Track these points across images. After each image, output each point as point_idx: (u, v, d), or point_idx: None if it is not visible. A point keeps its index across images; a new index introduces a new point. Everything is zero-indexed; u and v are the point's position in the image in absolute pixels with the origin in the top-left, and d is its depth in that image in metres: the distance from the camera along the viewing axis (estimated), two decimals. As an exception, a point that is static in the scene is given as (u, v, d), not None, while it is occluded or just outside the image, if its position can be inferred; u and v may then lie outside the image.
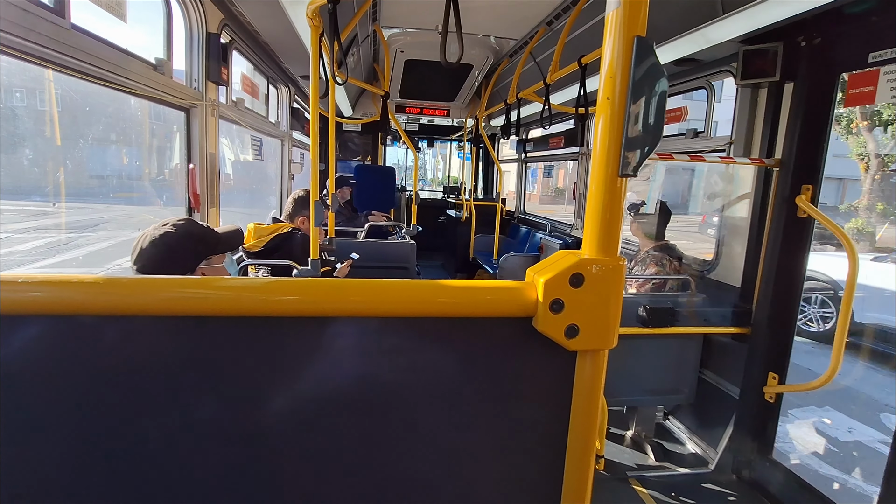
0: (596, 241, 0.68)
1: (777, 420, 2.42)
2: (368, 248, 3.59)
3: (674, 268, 2.81)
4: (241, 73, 3.40)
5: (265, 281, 0.70)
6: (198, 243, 1.47)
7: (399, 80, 5.18)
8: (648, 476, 2.54)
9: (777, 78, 2.30)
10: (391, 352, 0.73)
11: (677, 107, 3.41)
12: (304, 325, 0.70)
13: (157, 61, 2.13)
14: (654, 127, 0.63)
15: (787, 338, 2.35)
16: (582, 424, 0.75)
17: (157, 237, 1.38)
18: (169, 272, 1.38)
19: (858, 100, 2.03)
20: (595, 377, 0.72)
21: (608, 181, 0.66)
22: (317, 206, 2.26)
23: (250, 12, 2.76)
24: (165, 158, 3.11)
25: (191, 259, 1.45)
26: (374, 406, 0.74)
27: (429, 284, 0.71)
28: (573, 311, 0.69)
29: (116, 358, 0.66)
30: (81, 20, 1.58)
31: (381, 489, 0.76)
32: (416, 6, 3.36)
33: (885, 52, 1.90)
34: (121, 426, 0.67)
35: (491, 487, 0.79)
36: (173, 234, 1.40)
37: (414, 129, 7.98)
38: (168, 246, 1.39)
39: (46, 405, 0.64)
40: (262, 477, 0.72)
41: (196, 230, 1.48)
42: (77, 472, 0.67)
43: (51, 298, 0.62)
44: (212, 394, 0.69)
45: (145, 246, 1.37)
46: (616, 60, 0.63)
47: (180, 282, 0.68)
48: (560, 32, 3.02)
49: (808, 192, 2.19)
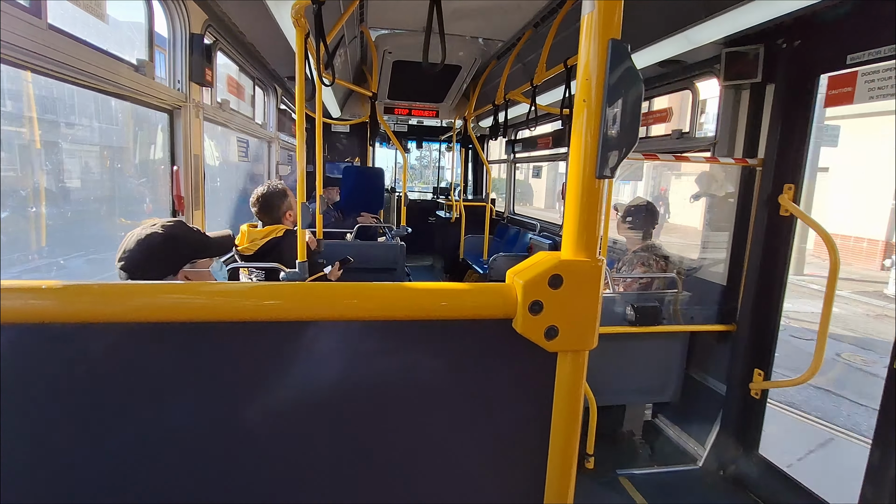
0: (574, 242, 0.69)
1: (763, 416, 2.46)
2: (357, 250, 3.58)
3: (660, 267, 2.83)
4: (227, 74, 3.36)
5: (249, 286, 0.69)
6: (183, 246, 1.45)
7: (387, 82, 5.17)
8: (637, 474, 2.56)
9: (759, 79, 2.34)
10: (375, 355, 0.73)
11: (663, 108, 3.45)
12: (287, 330, 0.70)
13: (138, 62, 2.10)
14: (630, 128, 0.64)
15: (771, 334, 2.39)
16: (563, 424, 0.75)
17: (142, 237, 1.38)
18: (152, 273, 1.38)
19: (837, 100, 2.07)
20: (575, 378, 0.73)
21: (586, 182, 0.66)
22: (303, 207, 2.24)
23: (235, 13, 2.73)
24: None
25: (174, 262, 1.43)
26: (358, 409, 0.73)
27: (410, 287, 0.71)
28: (552, 312, 0.69)
29: (97, 365, 0.65)
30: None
31: (365, 491, 0.75)
32: (403, 7, 3.36)
33: (862, 54, 1.94)
34: (103, 433, 0.66)
35: (474, 487, 0.79)
36: (158, 235, 1.39)
37: (403, 131, 7.97)
38: (151, 247, 1.37)
39: (26, 413, 0.63)
40: (247, 481, 0.71)
41: (182, 233, 1.46)
42: (57, 480, 0.66)
43: (28, 306, 0.61)
44: (197, 399, 0.68)
45: (131, 246, 1.36)
46: (592, 63, 0.63)
47: (162, 287, 0.67)
48: (546, 34, 3.04)
49: (791, 191, 2.22)
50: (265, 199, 2.57)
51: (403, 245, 3.84)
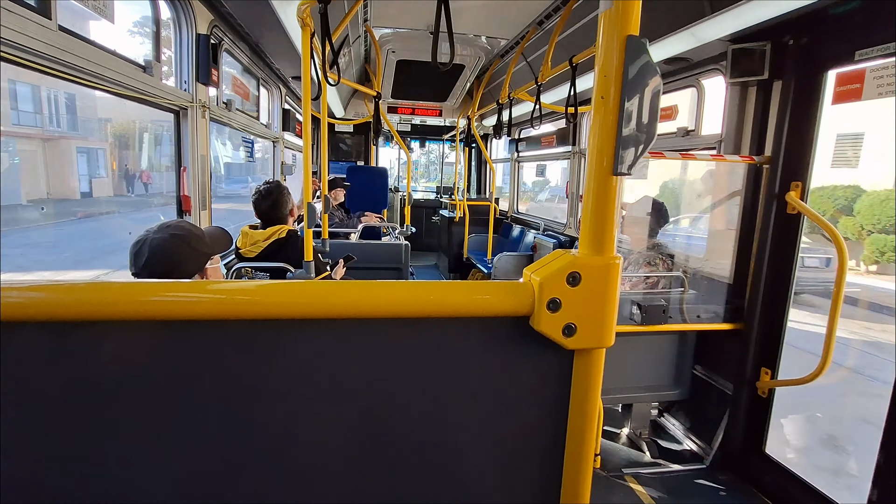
0: (591, 240, 0.68)
1: (770, 415, 2.45)
2: (362, 250, 3.58)
3: (665, 265, 2.82)
4: (232, 74, 3.37)
5: (258, 284, 0.69)
6: (201, 244, 1.45)
7: (391, 81, 5.17)
8: (644, 473, 2.56)
9: (765, 76, 2.33)
10: (388, 353, 0.73)
11: (669, 105, 3.43)
12: (297, 328, 0.69)
13: (146, 63, 2.11)
14: (647, 126, 0.63)
15: (778, 333, 2.38)
16: (580, 423, 0.75)
17: (155, 246, 1.34)
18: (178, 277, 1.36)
19: (845, 97, 2.06)
20: (593, 375, 0.72)
21: (603, 180, 0.66)
22: (310, 207, 2.24)
23: (240, 13, 2.74)
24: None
25: (196, 261, 1.43)
26: (370, 407, 0.73)
27: (425, 285, 0.71)
28: (570, 309, 0.69)
29: (103, 362, 0.65)
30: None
31: (377, 491, 0.75)
32: (408, 6, 3.36)
33: (871, 51, 1.92)
34: (109, 431, 0.66)
35: (490, 487, 0.79)
36: (173, 240, 1.36)
37: (406, 130, 7.97)
38: (169, 254, 1.35)
39: (30, 411, 0.63)
40: (257, 479, 0.71)
41: (197, 232, 1.46)
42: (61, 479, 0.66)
43: (32, 304, 0.60)
44: (205, 397, 0.68)
45: (146, 256, 1.33)
46: (610, 59, 0.63)
47: (169, 286, 0.67)
48: (551, 32, 3.03)
49: (798, 188, 2.21)
50: (269, 196, 2.47)
51: (408, 244, 3.84)
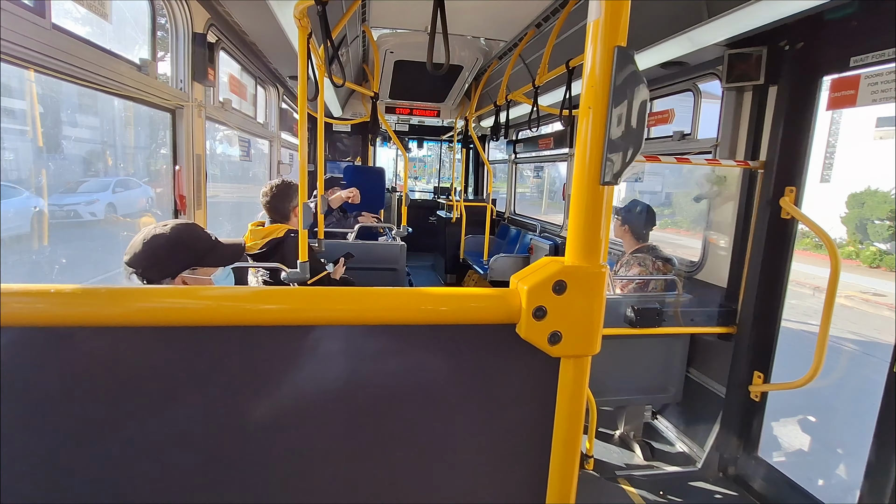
0: (579, 248, 0.69)
1: (763, 418, 2.46)
2: (359, 250, 3.58)
3: (658, 268, 2.83)
4: (229, 73, 3.36)
5: (248, 290, 0.69)
6: (185, 251, 1.44)
7: (389, 81, 5.17)
8: (637, 475, 2.57)
9: (761, 81, 2.34)
10: (376, 359, 0.73)
11: (664, 109, 3.44)
12: (291, 334, 0.70)
13: (141, 62, 2.10)
14: (635, 136, 0.64)
15: (771, 337, 2.39)
16: (566, 428, 0.75)
17: (148, 238, 1.38)
18: (151, 273, 1.38)
19: (840, 103, 2.07)
20: (578, 382, 0.73)
21: (590, 188, 0.66)
22: (305, 207, 2.24)
23: (237, 12, 2.73)
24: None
25: (173, 266, 1.42)
26: (361, 413, 0.73)
27: (414, 292, 0.71)
28: (556, 317, 0.70)
29: (100, 368, 0.65)
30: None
31: (369, 493, 0.76)
32: (406, 7, 3.36)
33: (865, 57, 1.94)
34: (105, 436, 0.66)
35: (477, 489, 0.79)
36: (163, 237, 1.39)
37: (404, 130, 7.97)
38: (154, 248, 1.38)
39: (28, 415, 0.63)
40: (252, 485, 0.71)
41: (187, 237, 1.45)
42: (59, 482, 0.66)
43: (30, 309, 0.61)
44: (201, 403, 0.68)
45: (137, 245, 1.38)
46: (597, 70, 0.63)
47: (165, 291, 0.67)
48: (549, 35, 3.04)
49: (792, 193, 2.22)
50: (278, 193, 2.55)
51: (404, 245, 3.85)
